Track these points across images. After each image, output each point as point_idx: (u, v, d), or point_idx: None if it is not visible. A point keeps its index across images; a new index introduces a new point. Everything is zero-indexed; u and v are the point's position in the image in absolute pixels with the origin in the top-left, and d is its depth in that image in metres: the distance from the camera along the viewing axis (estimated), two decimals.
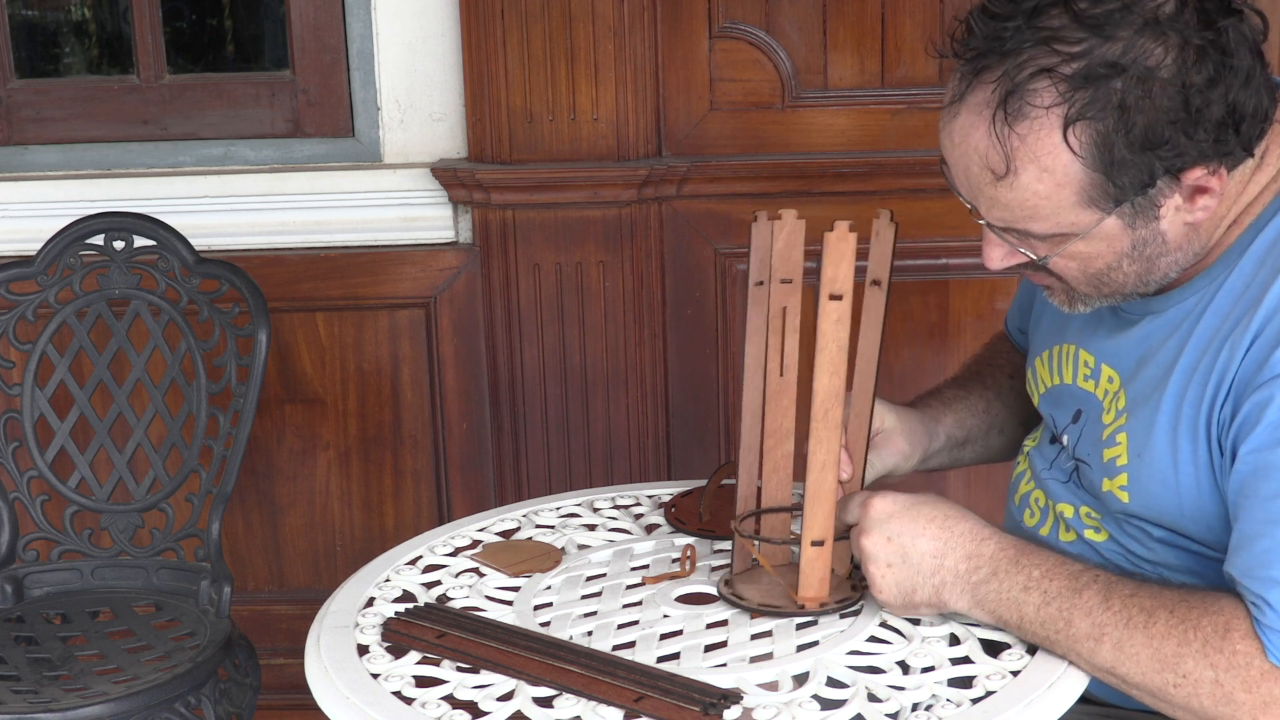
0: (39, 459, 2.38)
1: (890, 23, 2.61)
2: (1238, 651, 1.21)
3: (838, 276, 1.31)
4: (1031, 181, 1.25)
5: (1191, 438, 1.30)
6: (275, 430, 2.75)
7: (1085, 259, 1.32)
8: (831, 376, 1.33)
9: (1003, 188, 1.27)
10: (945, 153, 1.32)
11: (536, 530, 1.66)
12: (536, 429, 2.65)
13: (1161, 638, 1.24)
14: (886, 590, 1.35)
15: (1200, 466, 1.30)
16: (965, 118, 1.27)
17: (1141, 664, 1.25)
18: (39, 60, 2.87)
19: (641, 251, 2.61)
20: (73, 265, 2.41)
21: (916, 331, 2.68)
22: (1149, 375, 1.35)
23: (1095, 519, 1.43)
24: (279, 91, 2.74)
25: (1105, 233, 1.28)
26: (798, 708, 1.22)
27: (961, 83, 1.28)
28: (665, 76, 2.62)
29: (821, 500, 1.36)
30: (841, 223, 1.30)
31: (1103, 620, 1.26)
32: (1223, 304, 1.30)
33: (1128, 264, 1.31)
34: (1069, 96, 1.21)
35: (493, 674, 1.30)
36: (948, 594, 1.33)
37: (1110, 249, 1.30)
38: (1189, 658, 1.23)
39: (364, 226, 2.69)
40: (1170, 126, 1.21)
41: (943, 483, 2.65)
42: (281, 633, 2.75)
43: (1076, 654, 1.28)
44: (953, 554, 1.33)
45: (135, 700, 2.03)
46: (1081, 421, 1.45)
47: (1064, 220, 1.28)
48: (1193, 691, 1.23)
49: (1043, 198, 1.26)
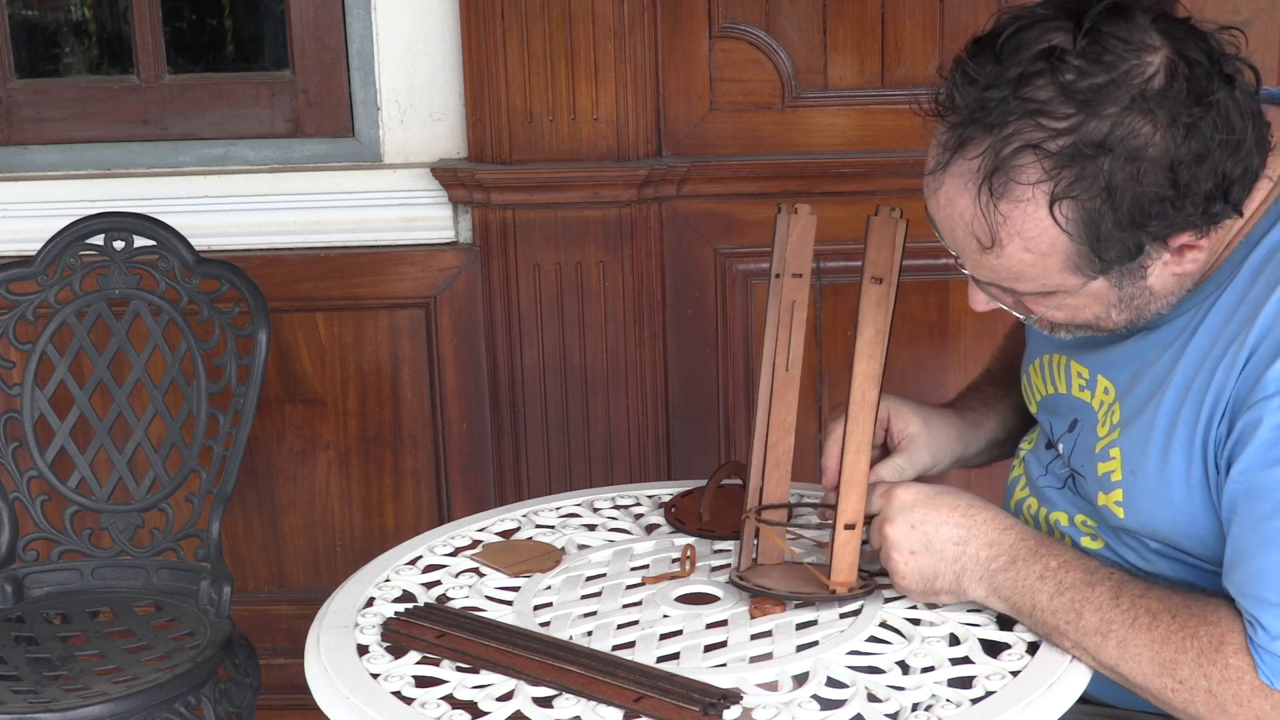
0: (39, 459, 2.38)
1: (890, 23, 2.61)
2: (1230, 666, 1.22)
3: (879, 260, 1.33)
4: (1017, 252, 1.24)
5: (1186, 456, 1.30)
6: (275, 430, 2.75)
7: (1073, 310, 1.32)
8: (870, 360, 1.35)
9: (989, 256, 1.26)
10: (930, 213, 1.31)
11: (536, 530, 1.66)
12: (536, 429, 2.65)
13: (1162, 642, 1.25)
14: (909, 577, 1.36)
15: (1194, 485, 1.30)
16: (950, 186, 1.25)
17: (1143, 665, 1.26)
18: (39, 60, 2.87)
19: (641, 251, 2.61)
20: (73, 265, 2.41)
21: (916, 331, 2.68)
22: (1142, 391, 1.35)
23: (1091, 526, 1.43)
24: (279, 91, 2.74)
25: (1092, 291, 1.28)
26: (797, 708, 1.22)
27: (945, 152, 1.25)
28: (665, 76, 2.62)
29: (855, 483, 1.37)
30: (885, 208, 1.31)
31: (1111, 617, 1.27)
32: (1216, 320, 1.29)
33: (1116, 314, 1.31)
34: (1055, 174, 1.19)
35: (492, 674, 1.30)
36: (967, 581, 1.34)
37: (1098, 303, 1.30)
38: (1185, 665, 1.24)
39: (364, 226, 2.69)
40: (1158, 204, 1.20)
41: (941, 479, 2.65)
42: (281, 633, 2.75)
43: (1083, 648, 1.29)
44: (974, 541, 1.34)
45: (135, 700, 2.03)
46: (1077, 431, 1.45)
47: (1050, 282, 1.27)
48: (1189, 698, 1.24)
49: (1029, 265, 1.25)
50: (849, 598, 1.39)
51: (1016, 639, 1.33)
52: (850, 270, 2.64)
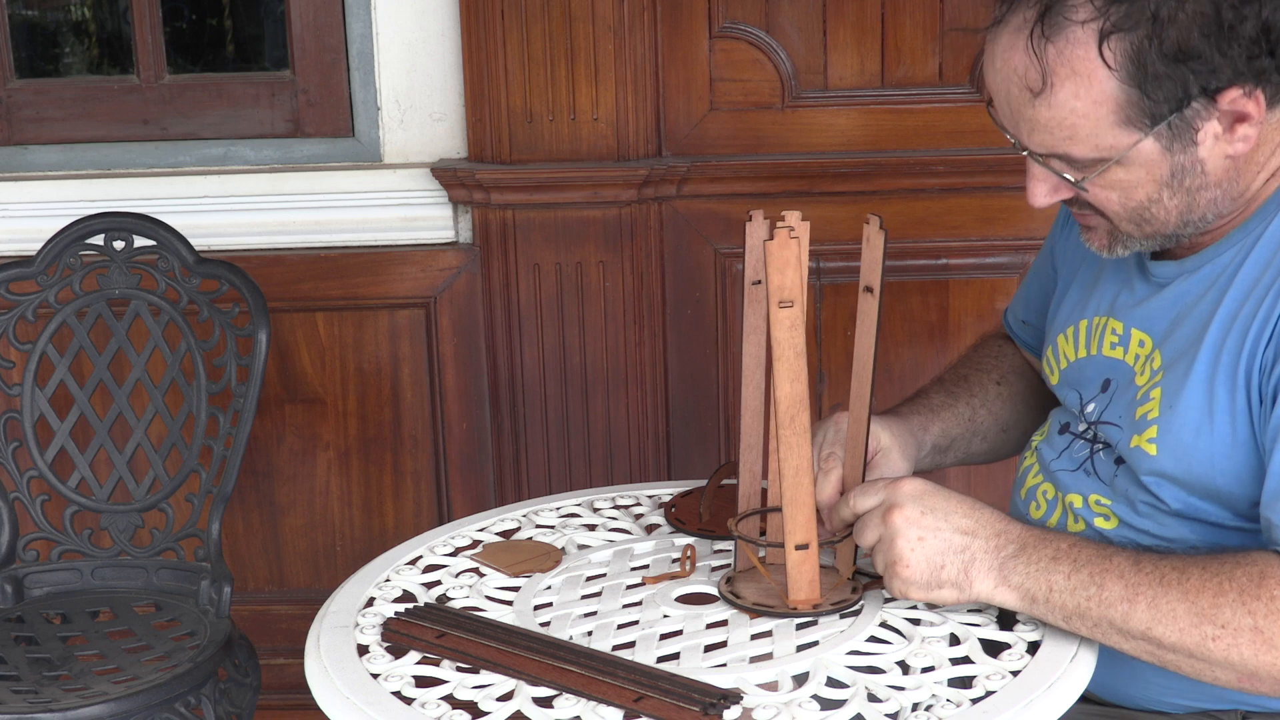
0: (39, 459, 2.38)
1: (890, 23, 2.61)
2: (1275, 597, 1.21)
3: (784, 284, 1.29)
4: (1069, 98, 1.27)
5: (1230, 386, 1.30)
6: (275, 430, 2.75)
7: (1126, 189, 1.33)
8: (793, 383, 1.32)
9: (1041, 106, 1.29)
10: (988, 81, 1.35)
11: (536, 530, 1.66)
12: (536, 429, 2.65)
13: (1197, 591, 1.23)
14: (915, 565, 1.33)
15: (1238, 414, 1.30)
16: (1005, 39, 1.30)
17: (1179, 619, 1.24)
18: (39, 60, 2.87)
19: (641, 251, 2.61)
20: (73, 265, 2.41)
21: (916, 331, 2.68)
22: (1185, 332, 1.35)
23: (1105, 505, 1.43)
24: (279, 91, 2.74)
25: (1144, 157, 1.30)
26: (798, 708, 1.22)
27: (1002, 6, 1.30)
28: (665, 76, 2.62)
29: (800, 505, 1.36)
30: (781, 230, 1.28)
31: (1136, 581, 1.26)
32: (1263, 253, 1.31)
33: (1168, 196, 1.32)
34: (1104, 11, 1.24)
35: (493, 674, 1.30)
36: (975, 571, 1.32)
37: (1150, 176, 1.31)
38: (1226, 607, 1.22)
39: (364, 226, 2.69)
40: (1203, 40, 1.23)
41: (943, 480, 2.65)
42: (281, 633, 2.75)
43: (1109, 621, 1.27)
44: (983, 531, 1.33)
45: (135, 700, 2.03)
46: (1111, 390, 1.45)
47: (1103, 142, 1.29)
48: (1232, 642, 1.22)
49: (1080, 115, 1.28)
50: (813, 614, 1.38)
51: (1017, 639, 1.33)
52: (850, 270, 2.64)
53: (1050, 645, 1.31)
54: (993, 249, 2.62)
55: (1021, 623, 1.35)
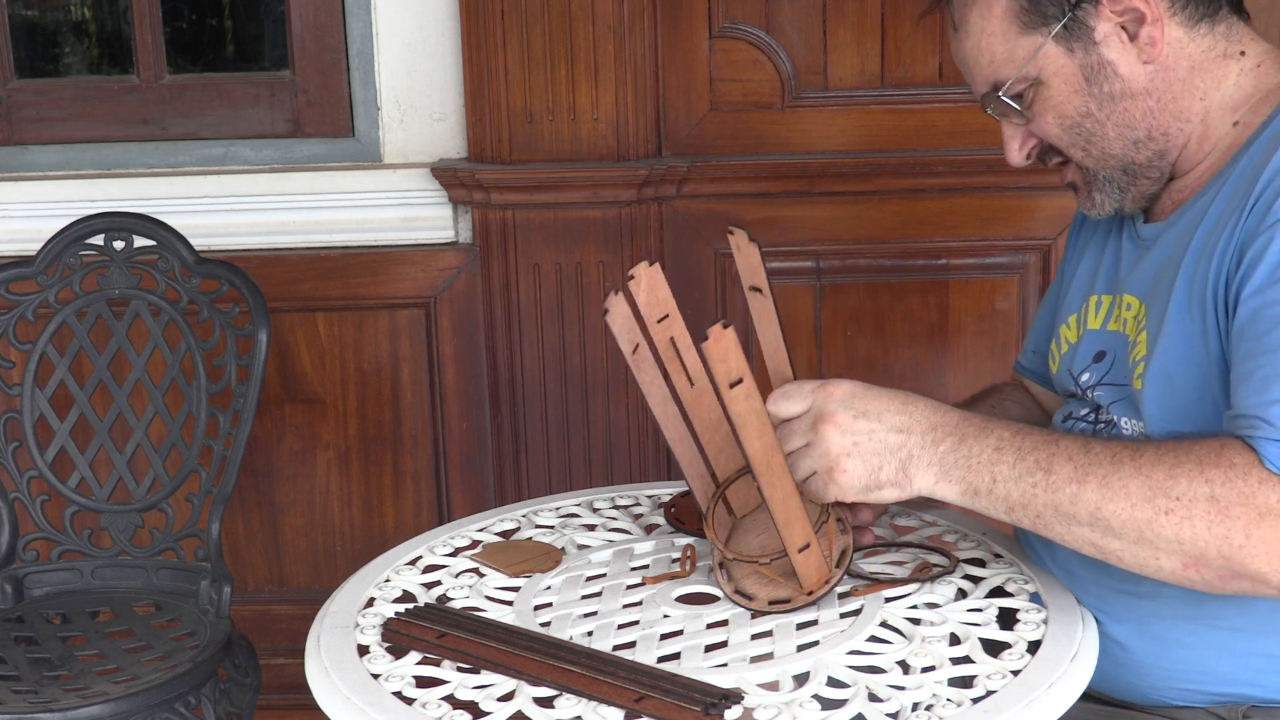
0: (39, 459, 2.38)
1: (890, 23, 2.61)
2: (1235, 464, 1.19)
3: (728, 369, 1.29)
4: (977, 20, 1.40)
5: (1201, 309, 1.30)
6: (275, 430, 2.75)
7: (1056, 106, 1.39)
8: (759, 439, 1.32)
9: (965, 41, 1.42)
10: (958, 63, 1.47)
11: (536, 530, 1.66)
12: (536, 429, 2.65)
13: (1151, 465, 1.21)
14: (851, 470, 1.30)
15: (1210, 334, 1.29)
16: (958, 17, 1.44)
17: (1131, 495, 1.21)
18: (39, 60, 2.87)
19: (641, 252, 2.61)
20: (73, 265, 2.41)
21: (917, 331, 2.68)
22: (1165, 278, 1.36)
23: None
24: (279, 91, 2.74)
25: (1054, 64, 1.37)
26: (798, 708, 1.22)
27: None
28: (665, 76, 2.62)
29: (792, 520, 1.36)
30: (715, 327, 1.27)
31: (1085, 463, 1.23)
32: (1228, 191, 1.33)
33: (1095, 106, 1.38)
34: None
35: (493, 674, 1.30)
36: (914, 468, 1.30)
37: (1068, 86, 1.37)
38: (1183, 478, 1.19)
39: (364, 226, 2.69)
40: None
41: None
42: (281, 633, 2.75)
43: (1055, 506, 1.24)
44: (918, 426, 1.30)
45: (135, 700, 2.03)
46: (1107, 361, 1.45)
47: (1016, 54, 1.38)
48: (1185, 515, 1.19)
49: (990, 34, 1.39)
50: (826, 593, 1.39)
51: (1017, 638, 1.33)
52: (850, 270, 2.65)
53: (1051, 644, 1.32)
54: (993, 249, 2.62)
55: (1022, 622, 1.35)
